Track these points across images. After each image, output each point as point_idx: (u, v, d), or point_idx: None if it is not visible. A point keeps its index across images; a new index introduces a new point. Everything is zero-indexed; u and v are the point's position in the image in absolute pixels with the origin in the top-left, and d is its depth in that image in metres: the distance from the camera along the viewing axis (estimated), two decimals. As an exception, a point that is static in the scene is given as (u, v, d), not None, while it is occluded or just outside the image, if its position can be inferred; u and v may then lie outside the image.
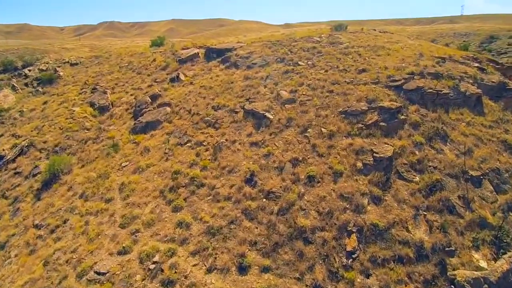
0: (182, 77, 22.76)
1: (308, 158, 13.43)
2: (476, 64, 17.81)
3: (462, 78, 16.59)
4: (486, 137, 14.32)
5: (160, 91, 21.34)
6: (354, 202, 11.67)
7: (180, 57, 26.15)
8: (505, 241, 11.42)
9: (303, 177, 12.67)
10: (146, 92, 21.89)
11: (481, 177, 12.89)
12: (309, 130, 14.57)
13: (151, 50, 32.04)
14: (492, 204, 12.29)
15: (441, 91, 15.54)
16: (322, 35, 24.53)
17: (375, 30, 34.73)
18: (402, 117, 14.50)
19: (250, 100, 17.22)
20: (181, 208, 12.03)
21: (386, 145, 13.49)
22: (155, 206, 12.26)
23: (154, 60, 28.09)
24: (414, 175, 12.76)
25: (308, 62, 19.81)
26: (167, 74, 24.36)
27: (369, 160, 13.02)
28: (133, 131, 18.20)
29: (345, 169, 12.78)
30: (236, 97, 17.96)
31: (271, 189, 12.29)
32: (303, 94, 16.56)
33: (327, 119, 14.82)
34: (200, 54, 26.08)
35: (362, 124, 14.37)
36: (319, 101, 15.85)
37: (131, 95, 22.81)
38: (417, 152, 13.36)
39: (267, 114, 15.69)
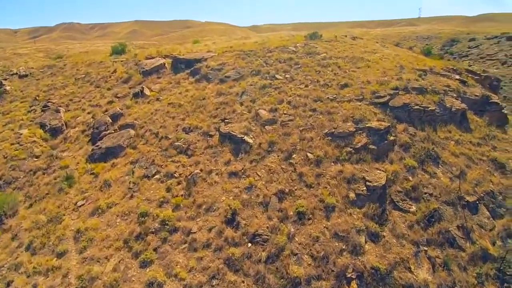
0: (147, 91, 20.52)
1: (296, 189, 11.98)
2: (457, 77, 17.37)
3: (446, 92, 16.00)
4: (476, 156, 13.71)
5: (122, 109, 18.98)
6: (351, 242, 10.37)
7: (144, 68, 23.79)
8: (508, 273, 10.69)
9: (291, 213, 11.20)
10: (106, 111, 19.42)
11: (477, 202, 12.16)
12: (294, 155, 13.14)
13: (112, 59, 29.22)
14: (490, 232, 11.56)
15: (428, 107, 14.78)
16: (298, 44, 23.32)
17: (346, 36, 34.34)
18: (392, 138, 13.51)
19: (225, 120, 15.49)
20: (151, 262, 10.07)
21: (378, 171, 12.38)
22: (119, 261, 10.19)
23: (115, 71, 25.47)
24: (410, 204, 11.75)
25: (286, 76, 18.43)
26: (130, 88, 21.97)
27: (362, 190, 11.82)
28: (91, 158, 15.80)
29: (337, 202, 11.47)
30: (210, 117, 16.15)
31: (257, 230, 10.68)
32: (284, 113, 15.13)
33: (313, 143, 13.47)
34: (166, 65, 23.89)
35: (350, 147, 13.18)
36: (302, 122, 14.49)
37: (89, 113, 20.20)
38: (410, 178, 12.39)
39: (246, 138, 14.06)
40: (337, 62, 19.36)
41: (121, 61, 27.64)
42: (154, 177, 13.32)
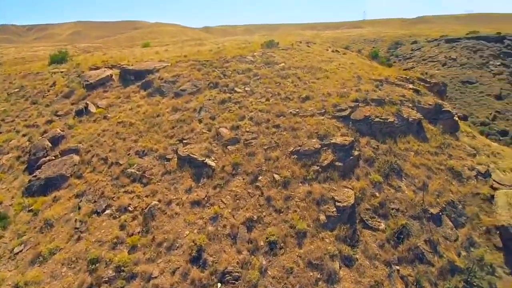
0: (92, 108, 18.52)
1: (264, 216, 11.28)
2: (411, 86, 17.94)
3: (402, 103, 16.38)
4: (435, 166, 14.11)
5: (63, 130, 16.87)
6: (326, 270, 9.91)
7: (88, 80, 21.55)
8: (475, 284, 11.00)
9: (262, 243, 10.47)
10: (45, 132, 17.14)
11: (440, 213, 12.43)
12: (260, 177, 12.44)
13: (50, 69, 26.26)
14: (455, 243, 11.86)
15: (387, 119, 14.96)
16: (255, 54, 22.71)
17: (301, 42, 34.54)
18: (356, 152, 13.40)
19: (184, 141, 14.33)
20: (106, 320, 8.72)
21: (346, 189, 12.14)
22: (67, 324, 8.68)
23: (54, 83, 22.87)
24: (379, 222, 11.64)
25: (246, 88, 17.69)
26: (72, 104, 19.75)
27: (332, 211, 11.47)
28: (29, 191, 13.72)
29: (308, 226, 10.98)
30: (166, 137, 14.87)
31: (226, 268, 9.78)
32: (247, 131, 14.36)
33: (279, 162, 12.88)
34: (114, 77, 21.90)
35: (317, 165, 12.80)
36: (267, 140, 13.84)
37: (24, 135, 17.72)
38: (377, 194, 12.32)
39: (207, 160, 13.06)
40: (296, 73, 19.04)
41: (61, 72, 24.94)
42: (105, 212, 11.78)
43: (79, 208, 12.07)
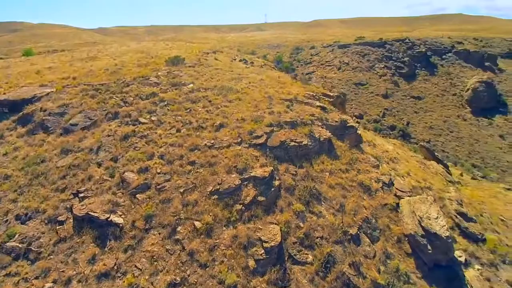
0: None
1: (189, 275, 10.03)
2: (318, 103, 18.70)
3: (312, 122, 16.88)
4: (348, 184, 14.85)
5: None
6: (261, 325, 9.26)
7: None
8: (396, 299, 11.81)
9: (189, 311, 9.25)
10: None
11: (358, 232, 13.04)
12: (179, 228, 11.08)
13: None
14: (374, 260, 12.56)
15: (302, 142, 15.16)
16: (159, 73, 20.80)
17: (208, 54, 33.62)
18: (277, 182, 13.13)
19: (80, 194, 11.94)
20: None
21: (272, 226, 11.72)
22: None
23: None
24: (306, 254, 11.55)
25: (152, 118, 15.88)
26: None
27: (260, 254, 10.89)
28: None
29: (238, 277, 10.16)
30: (56, 192, 12.20)
31: None
32: (158, 173, 12.75)
33: (198, 207, 11.72)
34: (-23, 110, 17.36)
35: (240, 203, 12.07)
36: (182, 181, 12.50)
37: None
38: (301, 224, 12.25)
39: (113, 217, 11.08)
40: (207, 96, 17.99)
41: None
42: (-27, 314, 8.89)
43: None
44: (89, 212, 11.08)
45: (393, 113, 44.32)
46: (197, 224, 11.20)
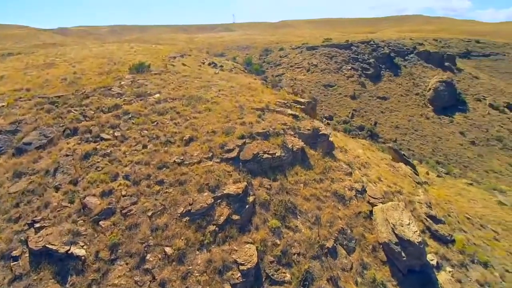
0: None
1: (160, 309, 9.34)
2: (290, 111, 18.48)
3: (285, 131, 16.61)
4: (323, 194, 14.72)
5: None
6: None
7: None
8: (373, 309, 11.79)
9: None
10: None
11: (334, 244, 12.91)
12: (148, 257, 10.32)
13: None
14: (351, 272, 12.49)
15: (275, 153, 14.82)
16: (123, 82, 19.64)
17: (175, 59, 32.59)
18: (251, 198, 12.69)
19: (36, 224, 10.80)
20: None
21: (248, 246, 11.26)
22: None
23: None
24: (284, 273, 11.21)
25: (116, 133, 14.85)
26: None
27: (237, 278, 10.39)
28: None
29: (213, 306, 9.62)
30: (9, 222, 10.96)
31: None
32: (124, 196, 11.85)
33: (169, 231, 11.00)
34: None
35: (213, 224, 11.50)
36: (150, 203, 11.70)
37: None
38: (278, 241, 11.89)
39: (74, 249, 10.10)
40: (175, 106, 17.18)
41: None
42: None
43: None
44: (47, 245, 10.02)
45: (361, 113, 45.44)
46: (168, 250, 10.50)
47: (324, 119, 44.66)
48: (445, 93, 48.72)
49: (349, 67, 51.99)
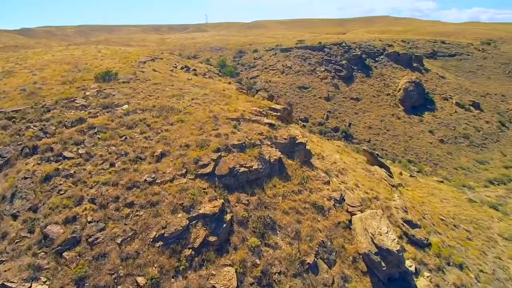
0: None
1: None
2: (266, 120, 18.09)
3: (262, 142, 16.19)
4: (302, 206, 14.43)
5: None
6: None
7: None
8: (355, 325, 11.61)
9: None
10: None
11: (315, 259, 12.64)
12: (118, 289, 9.54)
13: None
14: (333, 287, 12.29)
15: (252, 166, 14.36)
16: (88, 93, 18.43)
17: (145, 63, 31.45)
18: (228, 217, 12.16)
19: (-12, 261, 9.71)
20: None
21: (226, 269, 10.73)
22: None
23: None
24: (265, 295, 10.80)
25: (80, 151, 13.78)
26: None
27: (215, 306, 9.86)
28: None
29: None
30: (-45, 259, 9.77)
31: None
32: (89, 222, 10.94)
33: (141, 258, 10.25)
34: None
35: (189, 248, 10.86)
36: (119, 228, 10.87)
37: None
38: (258, 261, 11.45)
39: (35, 285, 9.13)
40: (145, 118, 16.29)
41: None
42: None
43: None
44: (5, 283, 9.01)
45: (335, 115, 45.97)
46: (140, 280, 9.76)
47: (300, 121, 44.78)
48: (414, 93, 50.32)
49: (323, 69, 52.49)
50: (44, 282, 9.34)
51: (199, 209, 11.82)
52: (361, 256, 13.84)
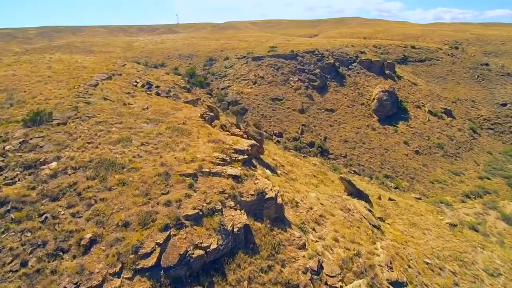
0: None
1: None
2: (229, 170, 15.37)
3: (223, 205, 13.47)
4: (272, 290, 11.93)
5: None
6: None
7: None
8: None
9: None
10: None
11: None
12: None
13: None
14: None
15: (209, 246, 11.64)
16: (7, 147, 14.84)
17: (98, 83, 27.79)
18: (177, 331, 9.40)
19: None
20: None
21: None
22: None
23: None
24: None
25: (-20, 243, 10.44)
26: None
27: None
28: None
29: None
30: None
31: None
32: None
33: None
34: None
35: None
36: None
37: None
38: None
39: None
40: (75, 183, 13.04)
41: None
42: None
43: None
44: None
45: (310, 128, 43.97)
46: None
47: (274, 136, 42.46)
48: (388, 102, 49.35)
49: (296, 79, 50.35)
50: None
51: (135, 331, 8.96)
52: None
